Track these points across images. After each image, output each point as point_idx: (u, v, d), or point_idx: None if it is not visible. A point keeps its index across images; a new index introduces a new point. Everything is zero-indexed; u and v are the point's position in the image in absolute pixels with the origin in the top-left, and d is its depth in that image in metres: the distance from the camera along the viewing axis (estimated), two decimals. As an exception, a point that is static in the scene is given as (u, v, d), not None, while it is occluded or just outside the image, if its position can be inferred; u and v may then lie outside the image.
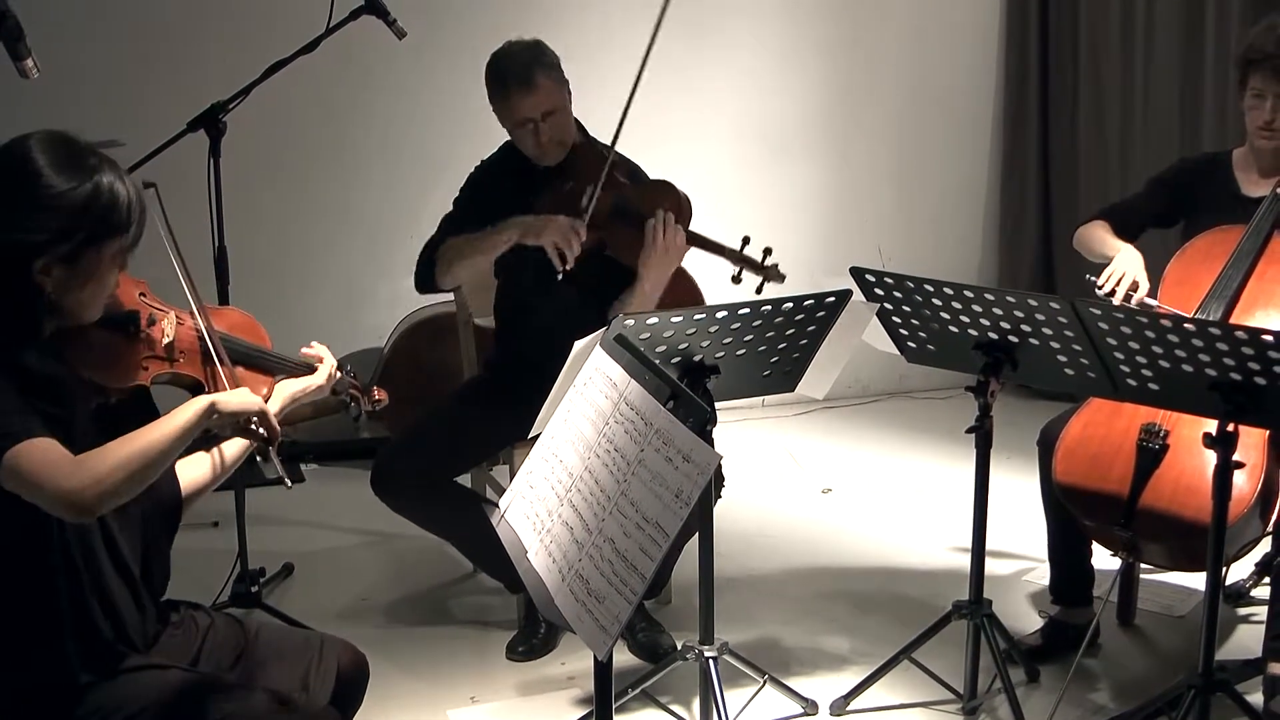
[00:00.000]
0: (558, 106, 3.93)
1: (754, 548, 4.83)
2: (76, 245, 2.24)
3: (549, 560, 2.23)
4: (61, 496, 2.13)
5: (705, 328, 3.02)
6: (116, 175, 2.29)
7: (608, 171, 3.88)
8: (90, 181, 2.25)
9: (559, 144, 3.96)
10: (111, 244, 2.29)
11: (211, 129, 3.95)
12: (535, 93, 3.87)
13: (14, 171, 2.24)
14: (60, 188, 2.22)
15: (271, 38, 4.23)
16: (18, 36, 2.56)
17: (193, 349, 2.63)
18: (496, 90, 3.94)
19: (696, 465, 2.03)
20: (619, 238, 3.88)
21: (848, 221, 6.86)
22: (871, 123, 6.85)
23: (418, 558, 4.74)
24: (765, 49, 6.61)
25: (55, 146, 2.27)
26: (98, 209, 2.25)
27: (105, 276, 2.32)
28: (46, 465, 2.13)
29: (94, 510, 2.16)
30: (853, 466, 5.83)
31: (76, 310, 2.33)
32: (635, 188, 3.96)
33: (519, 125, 3.93)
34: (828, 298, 3.17)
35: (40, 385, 2.24)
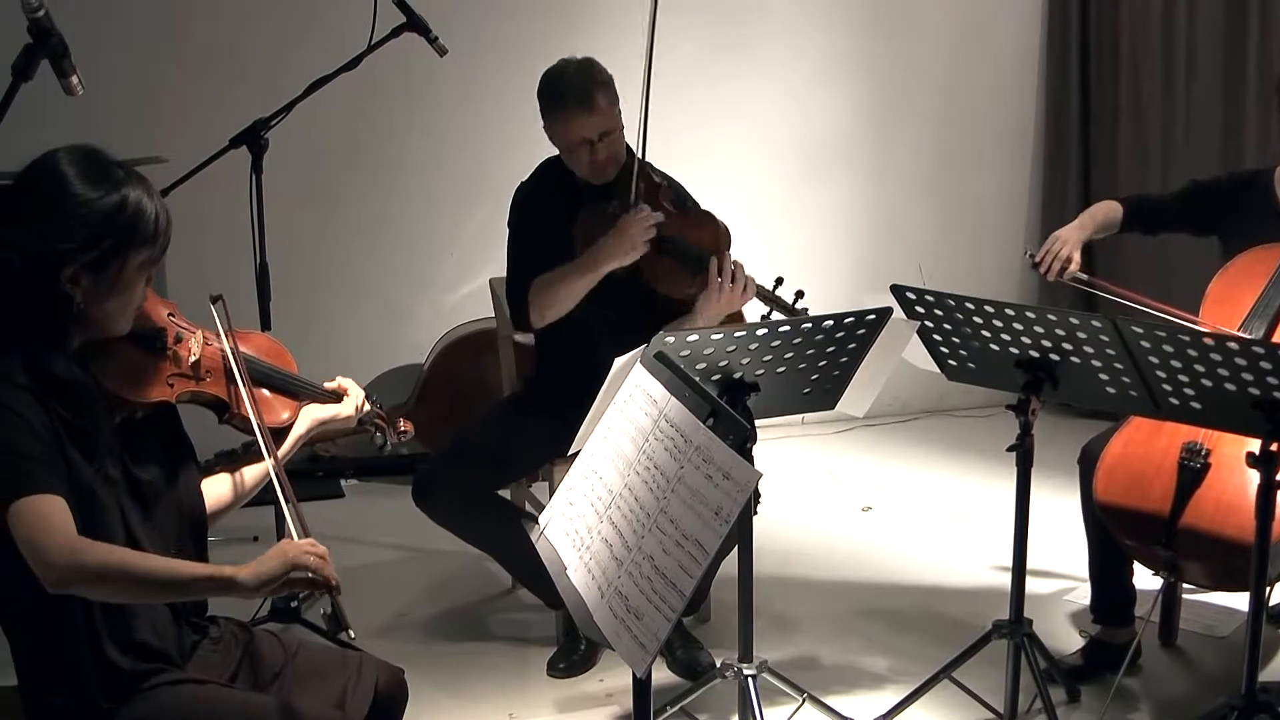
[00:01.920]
0: (614, 126, 3.93)
1: (793, 565, 4.82)
2: (103, 253, 2.27)
3: (588, 577, 2.24)
4: (37, 563, 2.13)
5: (745, 345, 3.03)
6: (144, 190, 2.33)
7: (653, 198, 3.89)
8: (117, 193, 2.29)
9: (613, 162, 3.97)
10: (137, 254, 2.32)
11: (254, 145, 3.97)
12: (594, 113, 3.86)
13: (42, 182, 2.29)
14: (87, 197, 2.27)
15: (314, 55, 4.26)
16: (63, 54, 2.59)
17: (218, 368, 2.64)
18: (553, 110, 3.93)
19: (736, 483, 2.03)
20: (657, 266, 3.88)
21: (887, 239, 6.85)
22: (910, 139, 6.84)
23: (457, 574, 4.75)
24: (802, 65, 6.61)
25: (83, 159, 2.31)
26: (124, 219, 2.29)
27: (132, 287, 2.35)
28: (43, 528, 2.14)
29: (58, 588, 2.15)
30: (893, 485, 5.82)
31: (104, 322, 2.35)
32: (679, 218, 3.95)
33: (576, 146, 3.91)
34: (868, 315, 3.17)
35: (65, 393, 2.26)
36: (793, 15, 6.55)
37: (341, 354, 5.93)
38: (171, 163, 4.27)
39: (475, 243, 6.04)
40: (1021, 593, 3.45)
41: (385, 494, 5.59)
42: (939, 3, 6.76)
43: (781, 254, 6.47)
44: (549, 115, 3.96)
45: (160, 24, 5.68)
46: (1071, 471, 3.79)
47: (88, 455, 2.28)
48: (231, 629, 2.65)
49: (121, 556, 2.23)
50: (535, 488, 4.39)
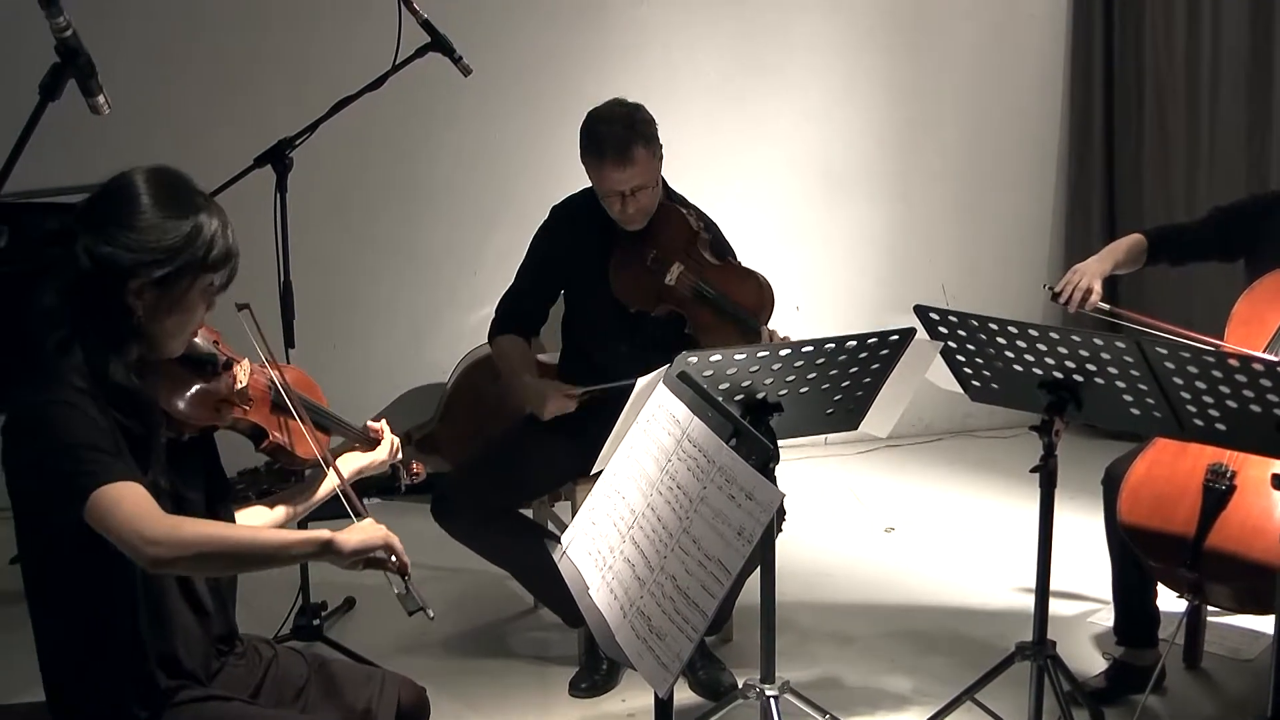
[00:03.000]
0: (649, 182, 3.91)
1: (816, 586, 4.81)
2: (172, 272, 2.30)
3: (611, 597, 2.24)
4: (138, 541, 2.14)
5: (768, 365, 3.03)
6: (220, 221, 2.38)
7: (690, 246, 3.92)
8: (194, 219, 2.33)
9: (642, 214, 3.96)
10: (203, 279, 2.35)
11: (278, 164, 3.99)
12: (629, 167, 3.85)
13: (121, 197, 2.32)
14: (163, 216, 2.30)
15: (338, 74, 4.28)
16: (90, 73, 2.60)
17: (263, 398, 2.67)
18: (591, 155, 3.92)
19: (759, 503, 2.03)
20: (700, 319, 3.89)
21: (911, 259, 6.85)
22: (934, 160, 6.85)
23: (479, 592, 4.75)
24: (827, 85, 6.62)
25: (163, 181, 2.36)
26: (196, 244, 2.32)
27: (192, 309, 2.38)
28: (133, 509, 2.16)
29: (155, 564, 2.16)
30: (916, 505, 5.81)
31: (161, 339, 2.37)
32: (718, 271, 3.94)
33: (607, 194, 3.92)
34: (891, 336, 3.16)
35: (123, 400, 2.28)
36: (817, 36, 6.56)
37: (364, 373, 5.95)
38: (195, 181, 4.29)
39: (498, 262, 6.01)
40: (1045, 614, 3.43)
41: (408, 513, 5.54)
42: (964, 25, 6.77)
43: (805, 274, 6.50)
44: (587, 157, 3.95)
45: (185, 43, 5.72)
46: (1095, 493, 3.78)
47: (142, 463, 2.29)
48: (255, 645, 2.65)
49: (220, 529, 2.28)
50: (558, 507, 4.38)
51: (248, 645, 2.64)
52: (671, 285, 3.89)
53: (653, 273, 3.92)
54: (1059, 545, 3.42)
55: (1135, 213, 6.67)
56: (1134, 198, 6.70)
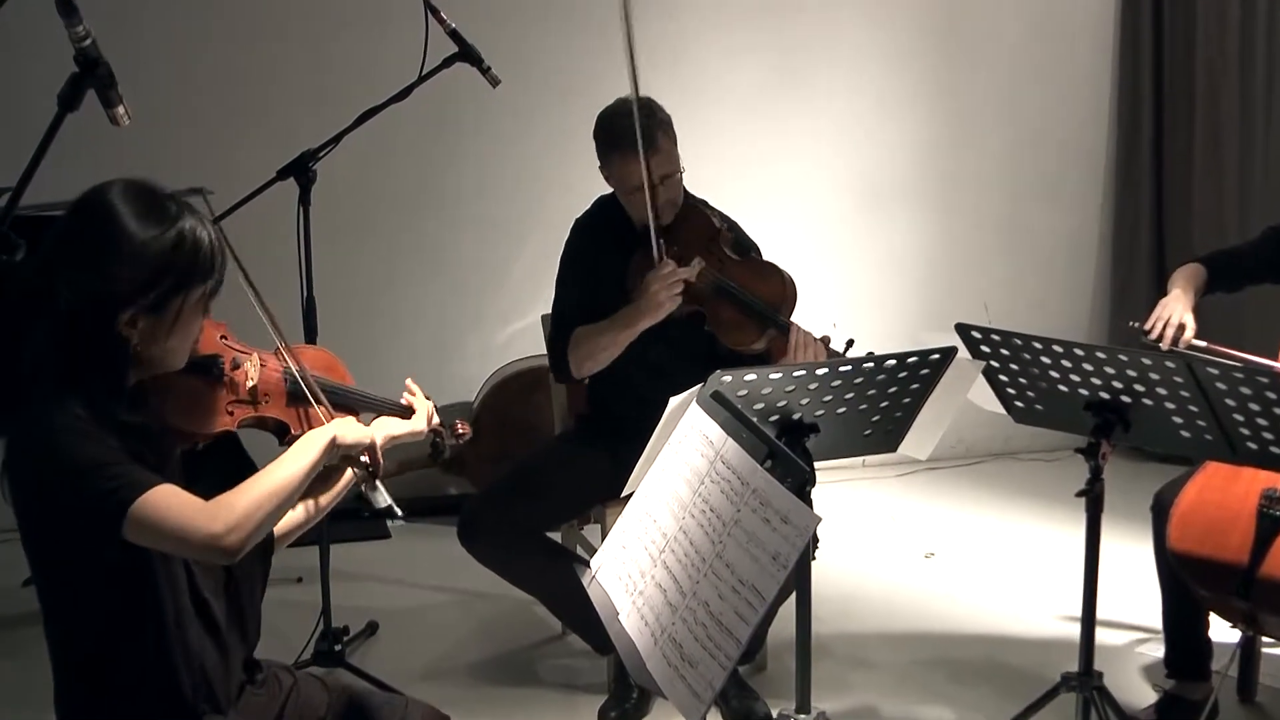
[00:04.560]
0: (674, 169, 3.94)
1: (853, 613, 4.79)
2: (161, 294, 2.26)
3: (641, 623, 2.23)
4: (206, 540, 2.16)
5: (805, 385, 3.01)
6: (198, 221, 2.32)
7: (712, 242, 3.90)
8: (174, 229, 2.27)
9: (671, 206, 3.97)
10: (195, 291, 2.31)
11: (301, 177, 4.00)
12: (655, 156, 3.86)
13: (96, 222, 2.26)
14: (143, 237, 2.24)
15: (363, 85, 4.29)
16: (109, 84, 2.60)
17: (278, 390, 2.65)
18: (611, 152, 3.95)
19: (795, 527, 2.02)
20: (720, 315, 3.89)
21: (951, 275, 6.83)
22: (976, 173, 6.82)
23: (505, 617, 4.75)
24: (864, 97, 6.61)
25: (136, 195, 2.29)
26: (181, 257, 2.27)
27: (190, 324, 2.35)
28: (181, 511, 2.17)
29: (238, 551, 2.19)
30: (956, 530, 5.78)
31: (163, 359, 2.35)
32: (740, 266, 3.95)
33: (635, 190, 3.91)
34: (932, 355, 3.15)
35: (131, 436, 2.26)
36: (854, 46, 6.56)
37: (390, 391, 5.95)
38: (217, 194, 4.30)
39: (527, 277, 6.06)
40: (1091, 644, 3.40)
41: (432, 535, 5.59)
42: (1007, 33, 6.76)
43: (843, 291, 6.48)
44: (605, 157, 3.97)
45: (206, 54, 5.75)
46: (1144, 518, 3.75)
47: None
48: (275, 673, 2.65)
49: (258, 487, 2.28)
50: (587, 530, 4.38)
51: (268, 673, 2.63)
52: (692, 282, 3.89)
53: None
54: (1106, 572, 3.40)
55: (1184, 229, 6.64)
56: (1183, 213, 6.67)
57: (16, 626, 4.49)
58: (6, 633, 4.51)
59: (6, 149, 3.37)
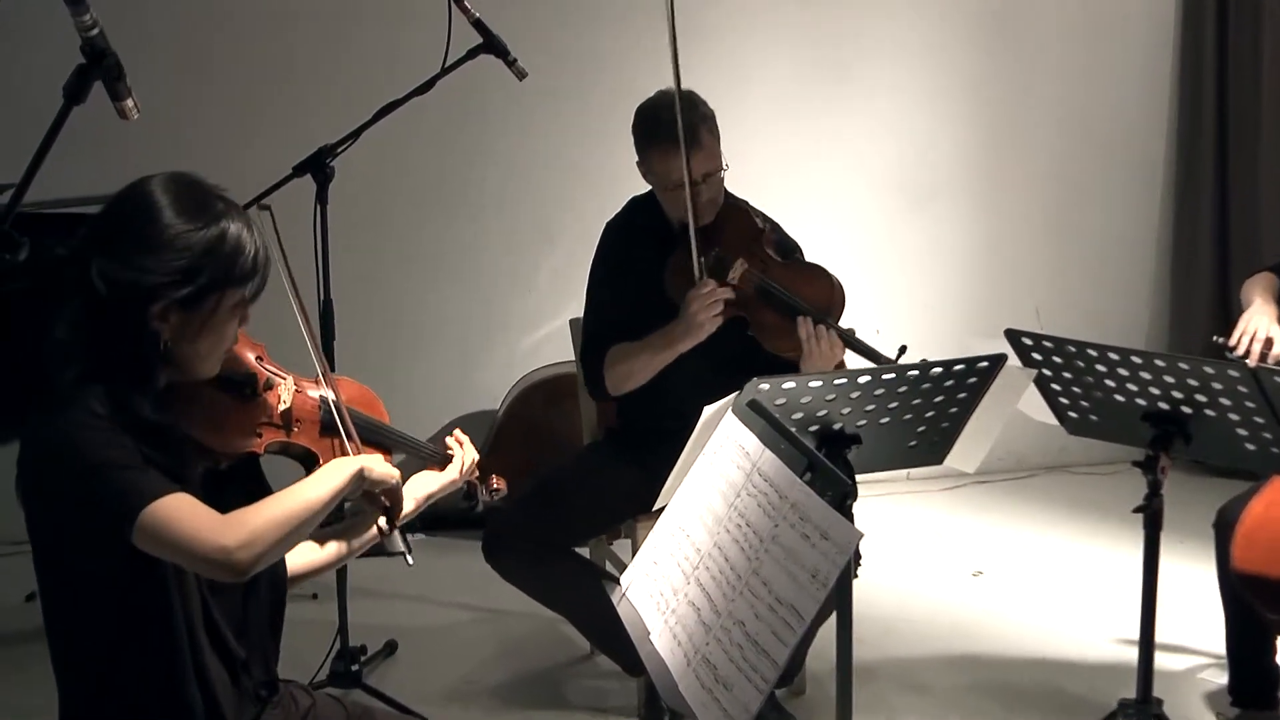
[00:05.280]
0: (717, 167, 3.95)
1: (896, 634, 4.78)
2: (197, 290, 2.28)
3: (674, 643, 2.23)
4: (215, 553, 2.16)
5: (846, 393, 3.00)
6: (244, 224, 2.36)
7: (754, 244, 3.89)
8: (216, 226, 2.31)
9: (713, 205, 3.98)
10: (232, 293, 2.34)
11: (318, 174, 4.01)
12: (699, 152, 3.87)
13: (137, 209, 2.30)
14: (183, 228, 2.28)
15: (383, 77, 4.31)
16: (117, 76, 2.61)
17: (311, 419, 2.64)
18: (652, 148, 3.95)
19: (835, 543, 2.02)
20: (764, 319, 3.88)
21: (1001, 279, 6.81)
22: (1027, 171, 6.80)
23: (530, 636, 4.76)
24: (907, 91, 6.60)
25: (181, 187, 2.34)
26: (221, 255, 2.30)
27: (224, 328, 2.37)
28: (194, 520, 2.18)
29: (247, 569, 2.19)
30: (1006, 547, 5.76)
31: (193, 363, 2.37)
32: (785, 268, 3.94)
33: (676, 187, 3.92)
34: (980, 363, 3.14)
35: (153, 437, 2.27)
36: (896, 36, 6.55)
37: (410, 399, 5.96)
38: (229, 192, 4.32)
39: (555, 280, 6.07)
40: (1150, 669, 3.39)
41: (454, 550, 5.60)
42: (1059, 21, 6.73)
43: (885, 295, 6.47)
44: (645, 152, 3.97)
45: (219, 44, 5.78)
46: (1206, 536, 3.73)
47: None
48: (292, 693, 2.66)
49: (270, 505, 2.28)
50: (617, 545, 4.38)
51: (284, 693, 2.64)
52: (734, 284, 3.88)
53: (713, 273, 3.91)
54: (1165, 593, 3.39)
55: (1251, 234, 6.59)
56: (1249, 217, 6.62)
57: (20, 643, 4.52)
58: (9, 648, 4.53)
59: (10, 144, 3.39)
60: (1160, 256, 7.02)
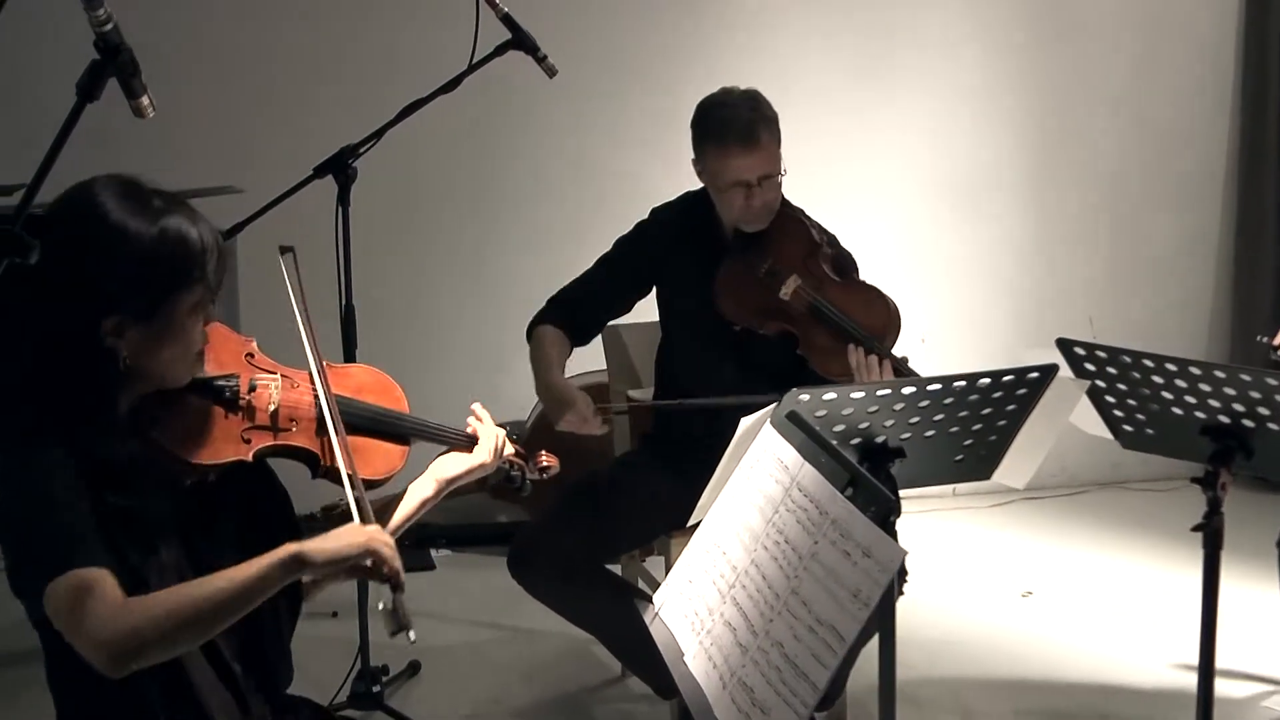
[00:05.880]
0: (776, 170, 3.95)
1: (942, 657, 4.77)
2: (147, 298, 2.24)
3: (709, 665, 2.23)
4: (91, 646, 2.08)
5: (889, 405, 3.00)
6: (187, 218, 2.29)
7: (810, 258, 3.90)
8: (155, 226, 2.25)
9: (768, 210, 3.98)
10: (185, 296, 2.28)
11: (340, 175, 4.03)
12: (758, 153, 3.89)
13: (73, 219, 2.26)
14: (123, 233, 2.23)
15: (408, 75, 4.32)
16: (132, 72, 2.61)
17: (307, 417, 2.57)
18: (712, 145, 3.95)
19: (877, 561, 2.01)
20: (814, 339, 3.89)
21: (1053, 285, 6.79)
22: (1081, 171, 6.78)
23: (558, 656, 4.76)
24: (956, 88, 6.58)
25: (117, 190, 2.28)
26: (165, 257, 2.25)
27: (186, 334, 2.31)
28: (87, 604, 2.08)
29: (119, 668, 2.09)
30: (1057, 566, 5.75)
31: (161, 374, 2.33)
32: (841, 289, 3.93)
33: (731, 186, 3.92)
34: (1030, 373, 3.13)
35: (107, 473, 2.21)
36: (943, 31, 6.53)
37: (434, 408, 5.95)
38: (249, 193, 4.35)
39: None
40: (1210, 696, 3.36)
41: (480, 566, 5.61)
42: (1117, 14, 6.71)
43: (931, 302, 6.45)
44: (704, 149, 3.98)
45: (238, 41, 5.80)
46: (1268, 556, 3.72)
47: (137, 540, 2.23)
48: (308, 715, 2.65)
49: (171, 595, 2.17)
50: (649, 562, 4.38)
51: (303, 716, 2.63)
52: (786, 300, 3.88)
53: (765, 286, 3.91)
54: (1226, 616, 3.36)
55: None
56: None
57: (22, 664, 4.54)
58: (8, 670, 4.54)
59: (21, 142, 3.41)
60: (1221, 263, 6.99)
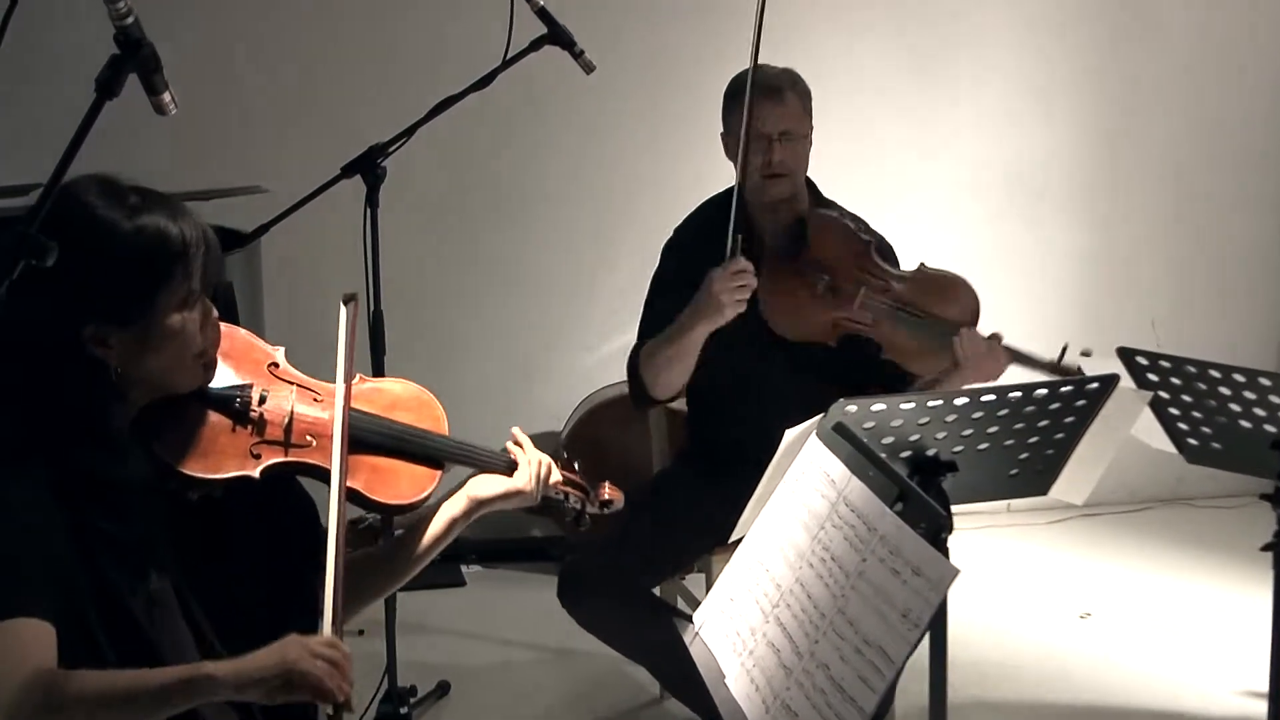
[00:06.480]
0: (799, 132, 4.00)
1: (995, 680, 4.75)
2: (126, 302, 2.21)
3: (751, 687, 2.23)
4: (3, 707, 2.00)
5: (941, 417, 3.00)
6: (166, 215, 2.26)
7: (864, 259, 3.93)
8: (131, 224, 2.22)
9: (786, 177, 4.00)
10: (166, 297, 2.24)
11: (369, 175, 4.02)
12: (781, 105, 3.95)
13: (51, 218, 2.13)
14: (98, 233, 2.20)
15: (439, 71, 4.33)
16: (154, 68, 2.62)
17: (323, 432, 2.50)
18: (735, 100, 4.01)
19: (928, 580, 2.01)
20: (899, 342, 3.90)
21: (1113, 290, 6.75)
22: (1144, 170, 6.75)
23: (593, 677, 4.76)
24: (1011, 83, 6.55)
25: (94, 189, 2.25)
26: (141, 256, 2.21)
27: (178, 334, 2.27)
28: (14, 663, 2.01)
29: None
30: (1117, 587, 5.72)
31: (160, 380, 2.29)
32: (911, 285, 3.95)
33: (753, 140, 3.94)
34: (1089, 384, 3.12)
35: (97, 494, 2.18)
36: (998, 22, 6.49)
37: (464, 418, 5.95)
38: (274, 193, 4.37)
39: (621, 290, 6.06)
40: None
41: (512, 582, 5.62)
42: (1184, 10, 6.67)
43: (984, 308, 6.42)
44: (730, 108, 4.06)
45: (263, 35, 5.81)
46: (1341, 576, 3.69)
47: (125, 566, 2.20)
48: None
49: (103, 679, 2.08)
50: (690, 580, 4.38)
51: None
52: (858, 311, 3.90)
53: (829, 302, 3.90)
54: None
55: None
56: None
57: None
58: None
59: (38, 140, 3.43)
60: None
